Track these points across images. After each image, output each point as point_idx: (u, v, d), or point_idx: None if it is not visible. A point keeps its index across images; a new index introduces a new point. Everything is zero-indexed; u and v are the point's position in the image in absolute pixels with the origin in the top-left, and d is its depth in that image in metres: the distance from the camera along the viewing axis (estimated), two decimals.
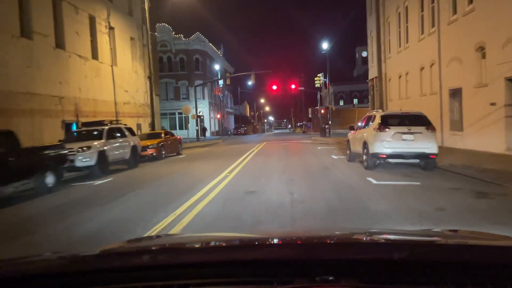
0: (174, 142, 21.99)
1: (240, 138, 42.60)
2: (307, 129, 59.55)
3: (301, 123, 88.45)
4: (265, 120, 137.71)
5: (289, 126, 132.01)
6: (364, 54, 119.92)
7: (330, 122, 35.25)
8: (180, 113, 53.11)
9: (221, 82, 48.87)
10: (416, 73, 22.03)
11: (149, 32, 25.56)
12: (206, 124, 53.92)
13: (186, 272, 1.26)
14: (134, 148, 16.12)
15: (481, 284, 1.12)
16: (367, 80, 31.19)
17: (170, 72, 53.05)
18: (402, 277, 1.18)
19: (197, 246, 1.71)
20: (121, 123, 16.99)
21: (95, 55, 22.73)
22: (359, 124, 13.95)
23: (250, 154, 19.78)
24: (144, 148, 18.03)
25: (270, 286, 1.15)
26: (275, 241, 1.77)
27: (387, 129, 11.26)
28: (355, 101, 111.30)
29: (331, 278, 1.14)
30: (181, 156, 21.14)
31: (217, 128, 55.48)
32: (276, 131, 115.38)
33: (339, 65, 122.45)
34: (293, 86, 48.09)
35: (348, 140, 15.20)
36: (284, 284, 1.13)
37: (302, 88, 48.73)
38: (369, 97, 31.86)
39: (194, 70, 52.61)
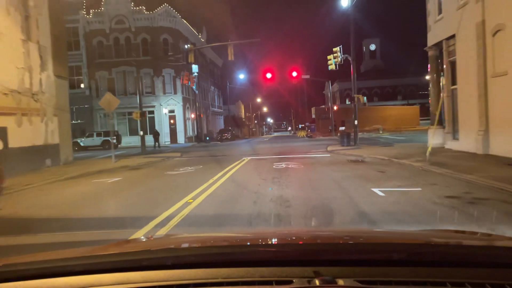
0: None
1: (216, 148, 28.95)
2: (311, 132, 46.28)
3: (303, 125, 74.88)
4: (264, 122, 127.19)
5: (289, 128, 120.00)
6: (373, 47, 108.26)
7: (356, 123, 21.81)
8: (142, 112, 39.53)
9: (195, 68, 35.63)
10: None
11: None
12: (181, 127, 40.50)
13: (185, 272, 1.26)
14: None
15: (480, 284, 1.13)
16: (426, 48, 17.72)
17: (129, 58, 39.58)
18: (401, 277, 1.18)
19: (196, 246, 1.72)
20: None
21: None
22: None
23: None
24: None
25: (269, 286, 1.16)
26: (275, 241, 1.77)
27: None
28: (364, 99, 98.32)
29: (330, 278, 1.13)
30: None
31: (191, 133, 42.02)
32: (275, 134, 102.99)
33: (345, 61, 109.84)
34: (294, 74, 34.79)
35: None
36: (283, 284, 1.14)
37: (307, 76, 35.59)
38: (430, 77, 18.40)
39: (161, 53, 39.19)
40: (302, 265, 1.24)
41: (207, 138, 36.91)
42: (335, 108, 44.35)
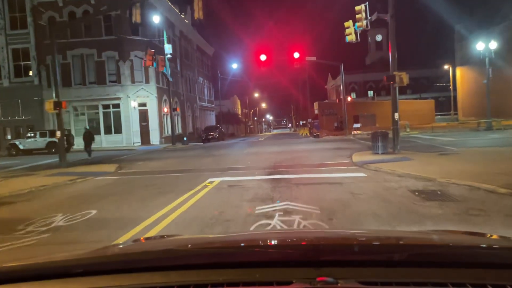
0: None
1: (186, 154, 20.52)
2: (315, 129, 38.28)
3: (304, 122, 66.85)
4: (263, 119, 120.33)
5: (289, 125, 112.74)
6: (379, 38, 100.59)
7: (397, 117, 13.66)
8: (106, 106, 31.63)
9: (168, 48, 27.48)
10: None
11: None
12: (155, 124, 32.40)
13: (185, 273, 1.26)
14: None
15: (481, 285, 1.12)
16: None
17: (88, 38, 31.50)
18: (402, 278, 1.17)
19: (197, 247, 1.70)
20: None
21: None
22: None
23: None
24: None
25: (270, 287, 1.15)
26: (275, 242, 1.76)
27: None
28: (370, 93, 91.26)
29: (331, 279, 1.13)
30: None
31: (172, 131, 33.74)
32: (274, 131, 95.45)
33: (347, 52, 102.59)
34: (296, 55, 26.96)
35: None
36: (284, 285, 1.14)
37: (313, 58, 27.52)
38: None
39: (129, 33, 31.09)
40: (303, 266, 1.23)
41: (185, 139, 28.77)
42: (348, 99, 36.34)
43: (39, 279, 1.28)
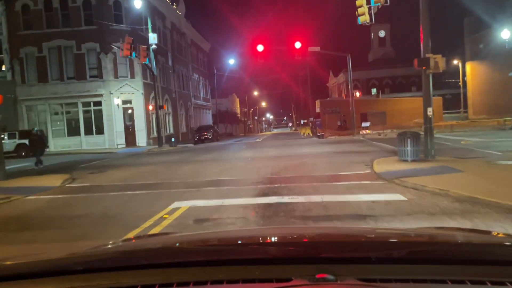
0: None
1: (166, 159, 16.97)
2: (319, 129, 35.11)
3: (305, 120, 63.72)
4: (263, 118, 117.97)
5: (290, 124, 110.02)
6: (382, 34, 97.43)
7: (430, 113, 10.43)
8: (86, 104, 28.49)
9: (152, 38, 24.24)
10: None
11: None
12: (141, 124, 29.21)
13: (185, 270, 1.26)
14: None
15: (480, 281, 1.12)
16: None
17: (66, 28, 28.29)
18: (401, 275, 1.17)
19: (196, 244, 1.67)
20: None
21: None
22: None
23: None
24: None
25: (269, 284, 1.15)
26: (274, 239, 1.74)
27: None
28: (373, 90, 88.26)
29: (330, 276, 1.12)
30: None
31: (163, 132, 30.50)
32: (275, 131, 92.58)
33: (349, 49, 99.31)
34: (298, 45, 23.96)
35: None
36: (283, 282, 1.13)
37: (316, 49, 24.28)
38: None
39: (112, 22, 27.84)
40: (303, 263, 1.23)
41: (173, 140, 25.53)
42: (357, 94, 33.14)
43: (39, 277, 1.26)
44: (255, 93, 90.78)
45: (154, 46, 24.17)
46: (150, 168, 13.49)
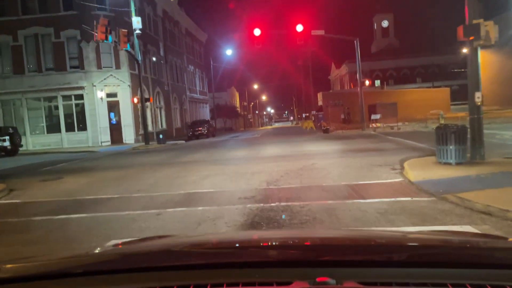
0: None
1: (143, 160, 14.37)
2: (323, 122, 32.56)
3: (307, 114, 60.97)
4: (264, 112, 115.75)
5: (291, 118, 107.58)
6: (385, 23, 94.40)
7: (479, 99, 7.78)
8: (67, 97, 25.82)
9: (136, 22, 21.53)
10: None
11: None
12: (128, 119, 26.58)
13: (185, 273, 1.25)
14: None
15: (481, 285, 1.12)
16: None
17: (43, 14, 25.57)
18: (401, 278, 1.17)
19: (196, 247, 1.66)
20: None
21: None
22: None
23: None
24: None
25: (269, 287, 1.15)
26: (274, 242, 1.72)
27: None
28: (377, 82, 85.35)
29: (330, 279, 1.12)
30: None
31: (152, 127, 27.85)
32: (275, 125, 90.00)
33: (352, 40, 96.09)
34: (299, 28, 21.40)
35: None
36: (284, 285, 1.13)
37: (321, 32, 21.59)
38: None
39: (94, 7, 25.08)
40: (303, 266, 1.23)
41: (161, 137, 22.91)
42: (367, 83, 30.50)
43: (39, 279, 1.26)
44: (255, 86, 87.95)
45: (138, 31, 21.44)
46: (118, 173, 10.86)
